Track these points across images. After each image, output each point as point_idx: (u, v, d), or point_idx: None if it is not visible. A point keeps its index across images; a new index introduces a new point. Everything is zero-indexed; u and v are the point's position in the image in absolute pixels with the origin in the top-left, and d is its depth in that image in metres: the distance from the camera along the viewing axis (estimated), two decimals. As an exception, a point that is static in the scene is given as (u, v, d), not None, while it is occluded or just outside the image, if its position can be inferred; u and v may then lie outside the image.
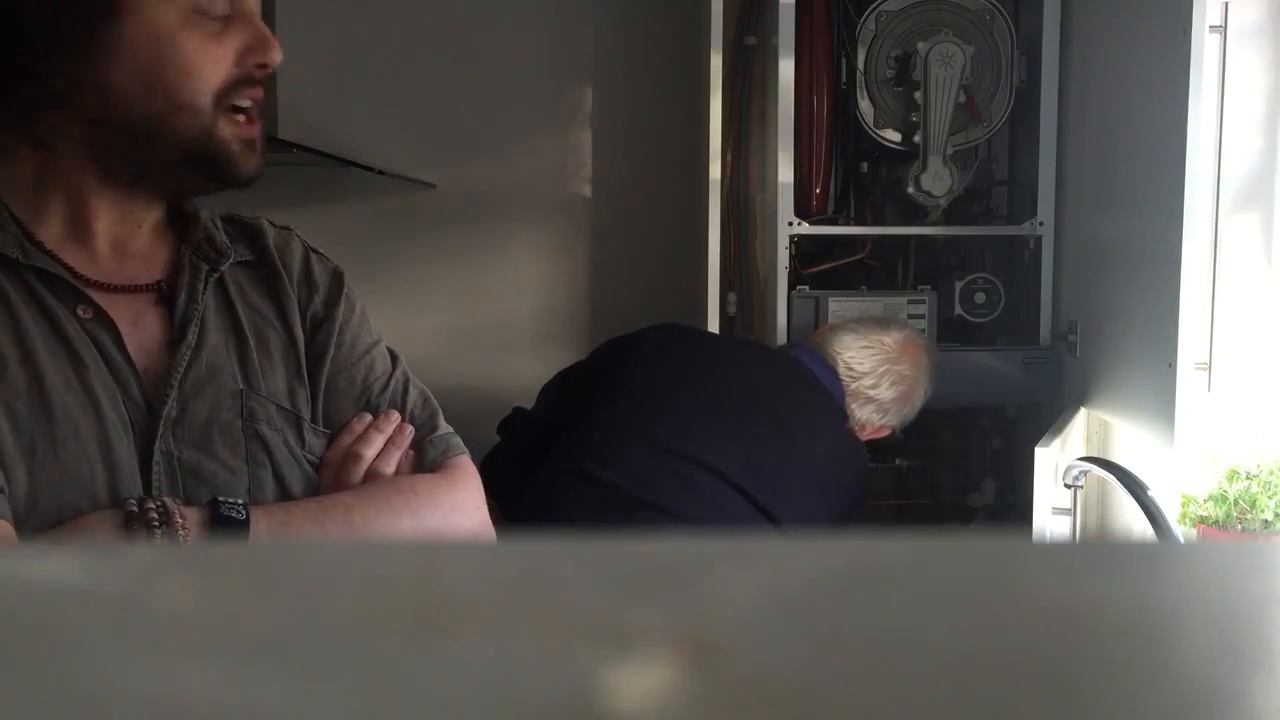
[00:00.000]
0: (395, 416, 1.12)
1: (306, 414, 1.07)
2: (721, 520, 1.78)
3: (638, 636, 0.24)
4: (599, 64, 2.74)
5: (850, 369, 2.06)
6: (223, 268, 1.08)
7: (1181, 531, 1.77)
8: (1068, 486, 1.93)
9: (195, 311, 1.04)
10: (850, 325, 2.15)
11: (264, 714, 0.21)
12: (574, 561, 0.29)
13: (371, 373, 1.13)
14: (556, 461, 1.90)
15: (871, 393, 2.06)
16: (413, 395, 1.15)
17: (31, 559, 0.29)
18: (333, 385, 1.10)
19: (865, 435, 2.09)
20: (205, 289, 1.06)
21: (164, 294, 1.05)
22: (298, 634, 0.25)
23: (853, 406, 2.05)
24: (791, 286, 2.36)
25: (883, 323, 2.17)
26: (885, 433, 2.14)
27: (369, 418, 1.10)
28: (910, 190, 2.32)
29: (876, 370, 2.06)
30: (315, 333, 1.11)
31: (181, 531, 0.93)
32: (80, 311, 1.00)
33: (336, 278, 1.15)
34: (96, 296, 1.01)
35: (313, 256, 1.15)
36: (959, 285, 2.38)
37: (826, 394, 2.01)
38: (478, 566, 0.29)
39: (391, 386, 1.14)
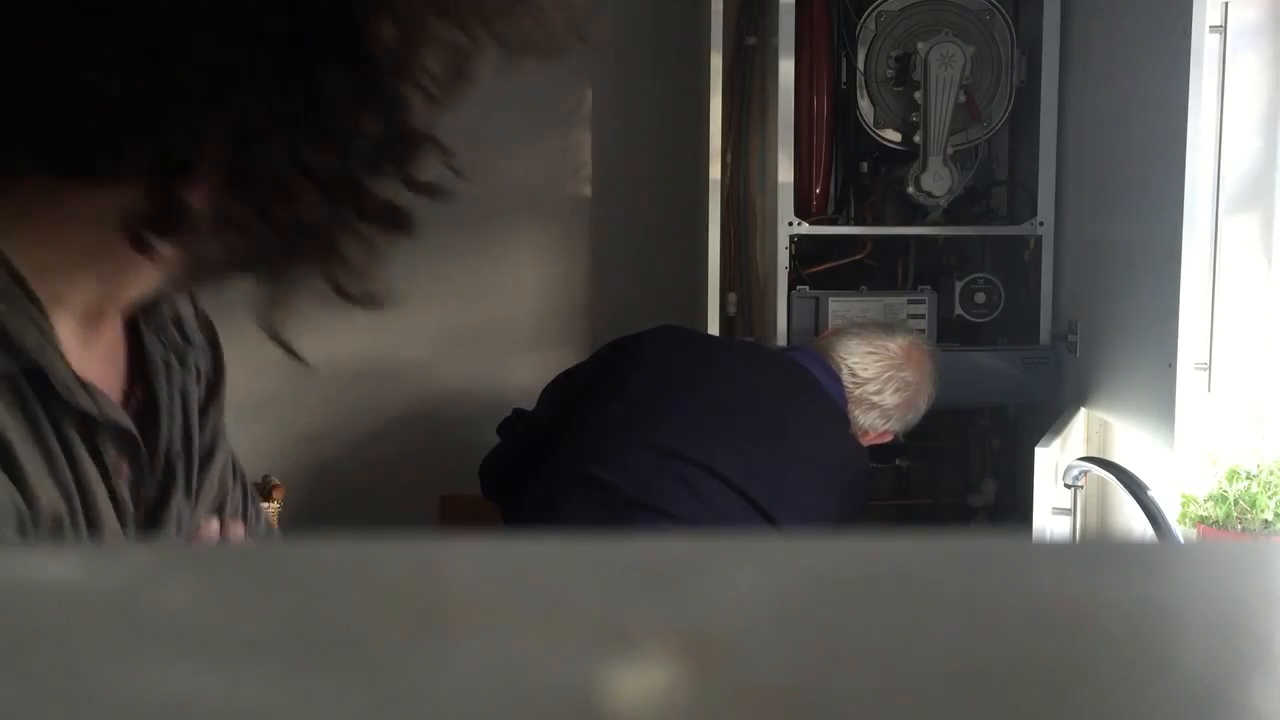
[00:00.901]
0: (241, 528, 0.85)
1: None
2: (722, 523, 1.78)
3: (638, 636, 0.24)
4: (599, 64, 2.74)
5: (854, 374, 2.06)
6: (195, 363, 0.78)
7: (1181, 531, 1.77)
8: (1068, 486, 1.93)
9: (180, 445, 0.74)
10: (854, 330, 2.15)
11: (264, 714, 0.21)
12: (574, 561, 0.29)
13: (228, 462, 0.84)
14: (557, 463, 1.90)
15: (875, 399, 2.06)
16: (251, 494, 0.89)
17: (31, 559, 0.29)
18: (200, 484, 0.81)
19: (868, 441, 2.09)
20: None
21: (144, 409, 0.73)
22: (298, 634, 0.25)
23: (856, 412, 2.05)
24: (791, 286, 2.36)
25: (887, 328, 2.17)
26: (888, 438, 2.14)
27: (216, 526, 0.82)
28: (910, 190, 2.32)
29: (881, 376, 2.06)
30: (202, 418, 0.80)
31: None
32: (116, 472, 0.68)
33: (209, 328, 0.83)
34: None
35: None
36: (959, 285, 2.38)
37: (829, 398, 2.01)
38: (478, 566, 0.29)
39: (239, 477, 0.86)
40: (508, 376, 2.67)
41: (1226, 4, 1.91)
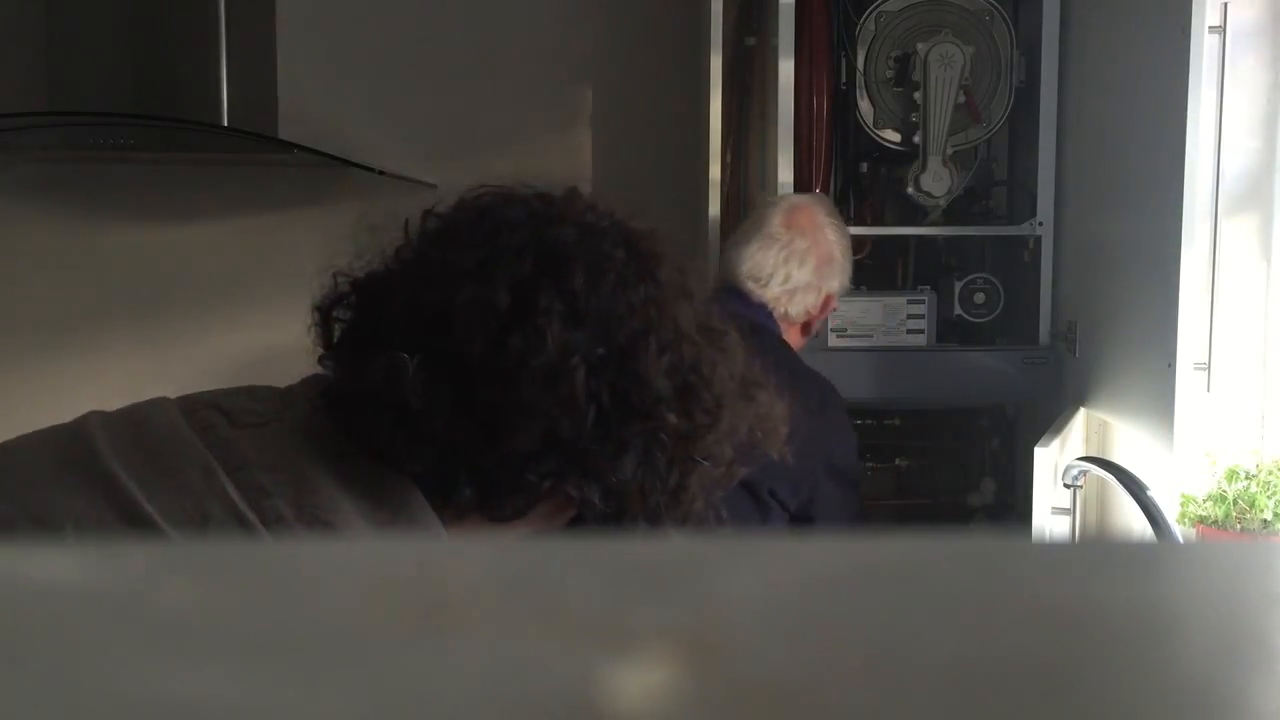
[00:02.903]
0: None
1: None
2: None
3: (638, 636, 0.24)
4: (599, 64, 2.74)
5: (755, 279, 1.94)
6: None
7: (1181, 531, 1.77)
8: (1067, 486, 1.93)
9: None
10: (734, 239, 2.03)
11: (264, 714, 0.21)
12: (574, 561, 0.29)
13: None
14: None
15: (786, 286, 1.95)
16: None
17: (31, 559, 0.29)
18: None
19: (819, 318, 1.99)
20: None
21: None
22: (298, 634, 0.25)
23: (783, 310, 1.94)
24: (791, 286, 2.35)
25: (758, 211, 2.05)
26: (834, 304, 2.02)
27: None
28: (910, 190, 2.32)
29: (775, 263, 1.94)
30: None
31: None
32: None
33: None
34: None
35: None
36: (959, 285, 2.38)
37: (763, 332, 1.87)
38: (478, 566, 0.29)
39: None
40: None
41: (1226, 4, 1.91)
